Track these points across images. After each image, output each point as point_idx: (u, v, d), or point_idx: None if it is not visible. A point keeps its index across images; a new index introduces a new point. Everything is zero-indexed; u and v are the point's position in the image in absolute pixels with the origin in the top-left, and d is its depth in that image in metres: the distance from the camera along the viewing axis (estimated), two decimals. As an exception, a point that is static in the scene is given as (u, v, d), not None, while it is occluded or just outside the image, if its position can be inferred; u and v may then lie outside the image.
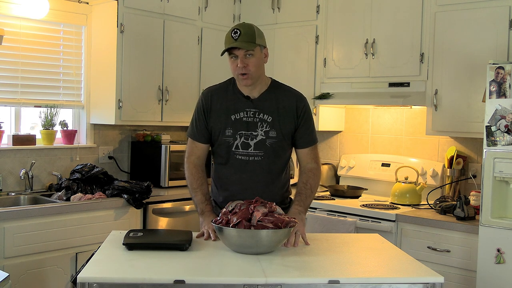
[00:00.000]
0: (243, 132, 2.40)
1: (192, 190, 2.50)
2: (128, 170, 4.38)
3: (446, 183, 3.72)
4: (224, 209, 2.15)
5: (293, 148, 2.52)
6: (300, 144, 2.47)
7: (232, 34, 2.31)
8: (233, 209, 2.12)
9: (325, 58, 4.12)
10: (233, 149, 2.41)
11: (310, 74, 4.20)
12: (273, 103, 2.42)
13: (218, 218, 2.12)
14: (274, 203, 2.16)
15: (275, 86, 2.49)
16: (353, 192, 4.00)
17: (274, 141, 2.40)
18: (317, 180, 2.48)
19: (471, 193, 3.36)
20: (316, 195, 3.96)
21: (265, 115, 2.40)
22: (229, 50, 2.33)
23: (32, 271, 3.17)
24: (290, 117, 2.43)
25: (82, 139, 4.17)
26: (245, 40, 2.29)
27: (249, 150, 2.40)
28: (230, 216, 2.08)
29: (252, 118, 2.40)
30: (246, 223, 2.03)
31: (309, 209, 3.72)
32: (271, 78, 2.52)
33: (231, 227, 2.02)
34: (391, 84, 3.74)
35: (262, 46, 2.38)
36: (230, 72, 2.43)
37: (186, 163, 2.52)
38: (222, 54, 2.40)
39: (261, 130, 2.39)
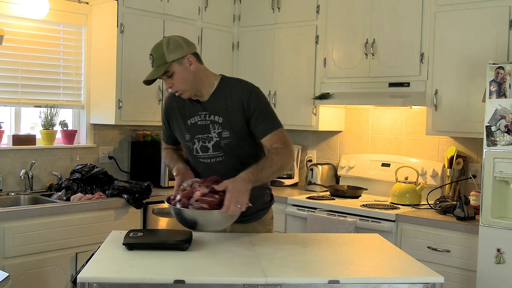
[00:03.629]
0: (200, 136, 2.37)
1: (168, 163, 2.53)
2: (128, 170, 4.38)
3: (446, 183, 3.72)
4: (181, 186, 2.20)
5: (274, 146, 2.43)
6: (258, 135, 2.35)
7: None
8: (186, 186, 2.17)
9: (325, 58, 4.12)
10: (194, 153, 2.41)
11: (310, 74, 4.20)
12: (222, 103, 2.35)
13: (172, 194, 2.18)
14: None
15: (223, 84, 2.38)
16: (353, 192, 4.00)
17: (228, 141, 2.35)
18: (282, 157, 2.25)
19: (471, 193, 3.36)
20: (316, 195, 4.01)
21: (216, 116, 2.35)
22: None
23: (32, 271, 3.17)
24: (238, 113, 2.33)
25: (82, 139, 4.17)
26: (156, 64, 2.26)
27: (208, 153, 2.38)
28: (180, 193, 2.13)
29: (204, 121, 2.36)
30: (185, 201, 2.07)
31: (309, 209, 3.76)
32: (221, 75, 2.42)
33: (172, 204, 2.08)
34: (391, 84, 3.74)
35: (180, 58, 2.26)
36: (229, 72, 2.44)
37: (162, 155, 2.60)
38: (149, 84, 2.34)
39: (214, 132, 2.35)
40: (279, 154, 2.25)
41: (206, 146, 2.36)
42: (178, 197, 2.12)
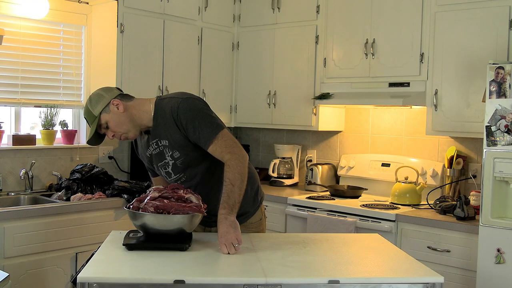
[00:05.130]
0: (159, 163, 2.37)
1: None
2: (128, 170, 4.38)
3: (446, 183, 3.72)
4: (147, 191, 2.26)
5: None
6: (203, 147, 2.28)
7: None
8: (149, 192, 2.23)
9: (325, 58, 4.12)
10: (167, 180, 2.41)
11: (310, 74, 4.20)
12: (162, 126, 2.32)
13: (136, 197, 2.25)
14: (187, 190, 2.19)
15: (158, 107, 2.33)
16: (353, 192, 4.00)
17: (182, 160, 2.32)
18: (234, 169, 2.20)
19: (471, 193, 3.36)
20: (316, 195, 4.01)
21: (163, 141, 2.32)
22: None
23: (32, 271, 3.17)
24: (177, 132, 2.29)
25: (82, 139, 4.17)
26: (90, 123, 2.31)
27: (172, 177, 2.37)
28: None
29: (158, 149, 2.35)
30: (137, 204, 2.13)
31: (309, 209, 3.76)
32: (156, 97, 2.38)
33: (127, 207, 2.15)
34: (391, 84, 3.74)
35: (105, 107, 2.28)
36: (229, 72, 2.42)
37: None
38: (95, 144, 2.38)
39: (168, 156, 2.33)
40: (231, 168, 2.20)
41: (168, 171, 2.37)
42: (133, 201, 2.18)
